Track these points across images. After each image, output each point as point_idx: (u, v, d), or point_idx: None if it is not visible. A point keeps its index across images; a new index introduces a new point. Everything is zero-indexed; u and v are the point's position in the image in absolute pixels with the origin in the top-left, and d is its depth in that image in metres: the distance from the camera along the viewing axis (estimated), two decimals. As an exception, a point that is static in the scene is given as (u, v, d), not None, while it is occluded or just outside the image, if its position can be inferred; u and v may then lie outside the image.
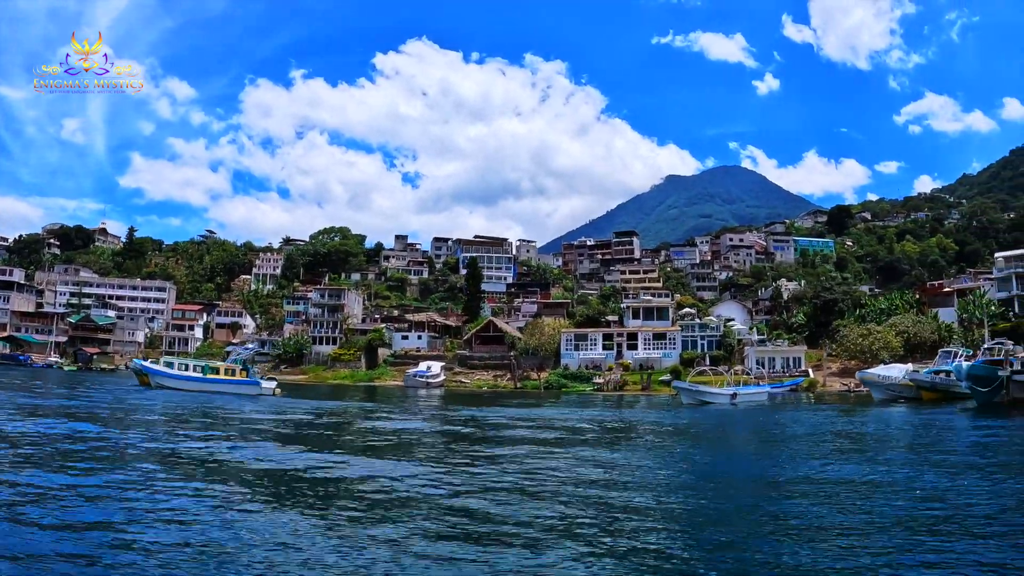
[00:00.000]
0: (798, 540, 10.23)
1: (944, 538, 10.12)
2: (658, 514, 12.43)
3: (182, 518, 11.12)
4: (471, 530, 10.79)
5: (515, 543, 9.95)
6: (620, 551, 9.72)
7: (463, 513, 12.03)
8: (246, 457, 18.87)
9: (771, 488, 15.30)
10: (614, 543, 10.14)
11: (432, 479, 15.73)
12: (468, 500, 13.27)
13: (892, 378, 47.13)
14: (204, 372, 47.21)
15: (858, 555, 9.41)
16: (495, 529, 10.84)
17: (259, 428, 27.24)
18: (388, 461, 19.22)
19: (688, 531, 11.13)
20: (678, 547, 10.08)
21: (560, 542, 10.03)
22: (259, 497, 13.37)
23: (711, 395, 47.93)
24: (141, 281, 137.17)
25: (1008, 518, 11.55)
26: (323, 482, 15.46)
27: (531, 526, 10.96)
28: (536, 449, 22.00)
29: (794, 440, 25.13)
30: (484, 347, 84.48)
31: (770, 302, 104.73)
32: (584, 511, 12.23)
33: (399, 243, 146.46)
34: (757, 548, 9.89)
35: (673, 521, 11.88)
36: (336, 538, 10.26)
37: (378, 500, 13.40)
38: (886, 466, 17.98)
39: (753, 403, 47.54)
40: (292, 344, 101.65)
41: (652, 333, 79.04)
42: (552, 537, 10.34)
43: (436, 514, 11.92)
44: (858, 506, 12.72)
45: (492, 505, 12.70)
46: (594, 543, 10.02)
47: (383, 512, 12.14)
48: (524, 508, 12.45)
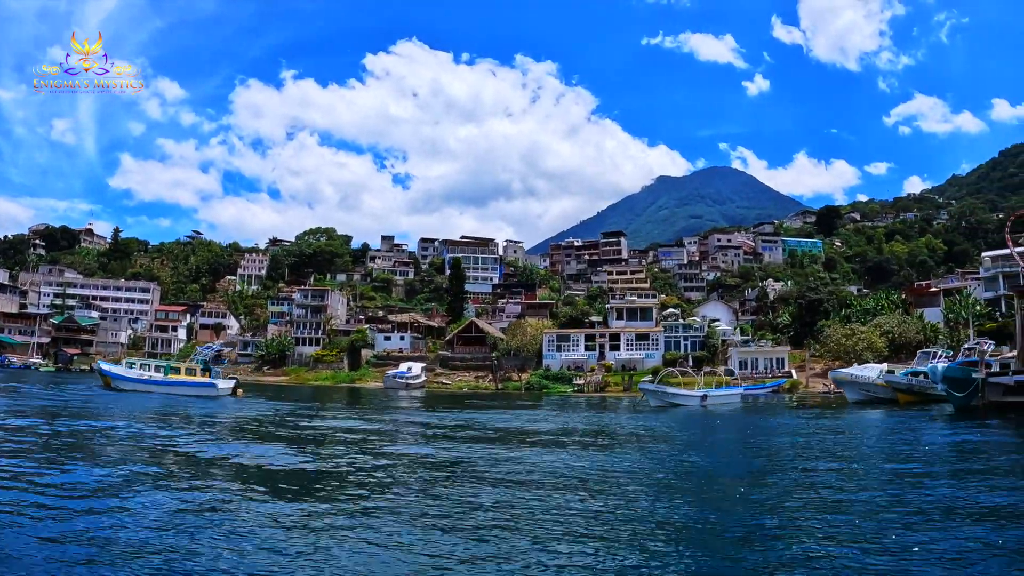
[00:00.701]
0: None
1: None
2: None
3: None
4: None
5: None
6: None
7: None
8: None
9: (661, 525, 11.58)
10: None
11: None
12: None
13: (866, 379, 45.19)
14: (165, 373, 46.32)
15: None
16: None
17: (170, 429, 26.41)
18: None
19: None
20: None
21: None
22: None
23: (679, 397, 46.01)
24: (125, 282, 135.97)
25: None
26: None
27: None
28: (460, 471, 17.38)
29: (738, 449, 23.69)
30: (466, 348, 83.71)
31: (756, 302, 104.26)
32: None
33: (385, 244, 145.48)
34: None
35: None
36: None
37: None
38: (809, 491, 14.46)
39: (725, 406, 45.66)
40: (275, 345, 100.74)
41: (635, 334, 78.36)
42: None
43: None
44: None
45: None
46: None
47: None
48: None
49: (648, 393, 47.60)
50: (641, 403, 48.36)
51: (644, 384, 51.39)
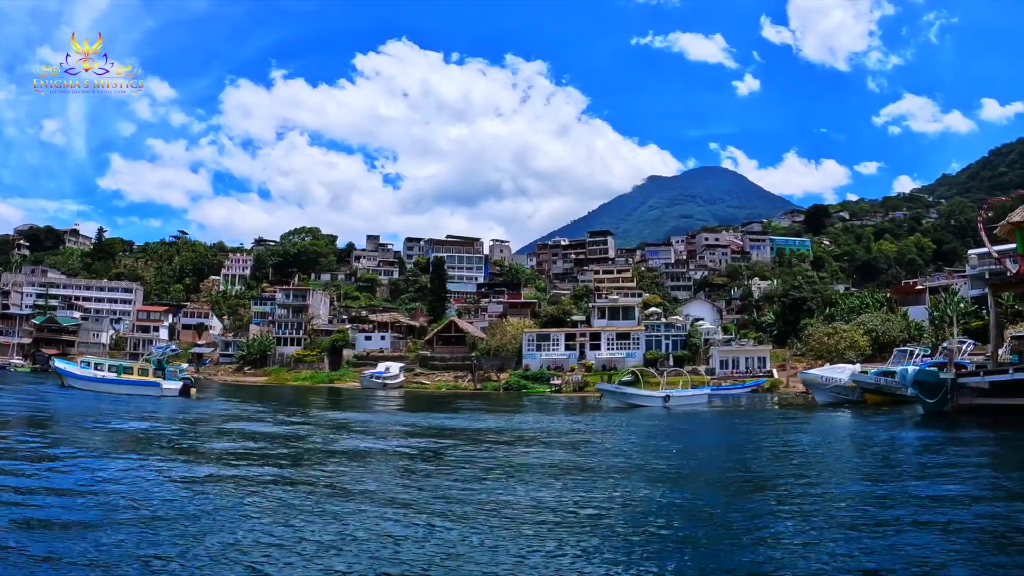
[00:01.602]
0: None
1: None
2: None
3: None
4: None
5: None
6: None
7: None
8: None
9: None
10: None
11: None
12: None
13: (835, 380, 42.66)
14: (119, 372, 45.50)
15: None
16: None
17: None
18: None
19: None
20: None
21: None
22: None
23: (640, 398, 43.97)
24: (107, 282, 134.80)
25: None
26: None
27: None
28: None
29: (658, 454, 21.68)
30: (446, 348, 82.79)
31: (741, 301, 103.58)
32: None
33: (371, 243, 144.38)
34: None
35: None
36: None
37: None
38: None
39: (691, 407, 43.57)
40: (255, 345, 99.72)
41: (615, 333, 77.49)
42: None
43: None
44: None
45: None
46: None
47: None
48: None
49: (606, 394, 45.96)
50: (600, 404, 46.63)
51: (602, 384, 50.24)
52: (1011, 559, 9.06)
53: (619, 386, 47.44)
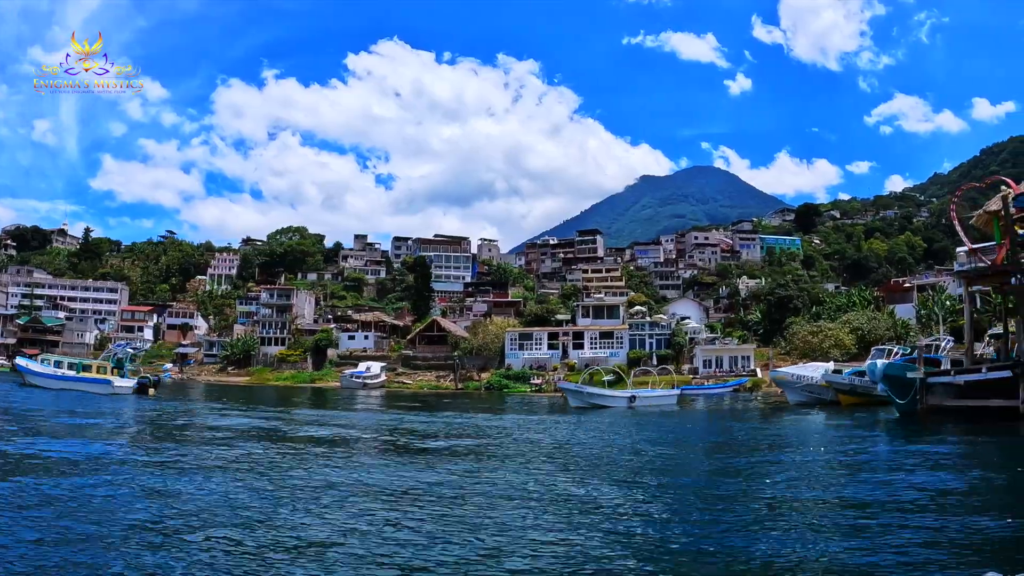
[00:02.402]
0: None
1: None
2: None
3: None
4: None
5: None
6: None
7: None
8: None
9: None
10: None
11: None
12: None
13: (808, 379, 40.80)
14: (78, 370, 45.01)
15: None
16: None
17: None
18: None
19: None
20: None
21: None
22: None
23: (603, 398, 42.15)
24: (93, 282, 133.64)
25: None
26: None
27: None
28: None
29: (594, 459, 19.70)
30: (428, 347, 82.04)
31: (728, 300, 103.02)
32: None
33: (358, 243, 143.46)
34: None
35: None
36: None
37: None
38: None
39: (658, 407, 41.68)
40: (239, 345, 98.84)
41: (599, 332, 76.84)
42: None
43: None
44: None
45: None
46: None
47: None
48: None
49: (569, 393, 43.77)
50: (562, 404, 44.91)
51: (563, 384, 48.46)
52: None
53: (581, 385, 45.73)
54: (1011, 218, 26.68)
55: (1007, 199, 26.72)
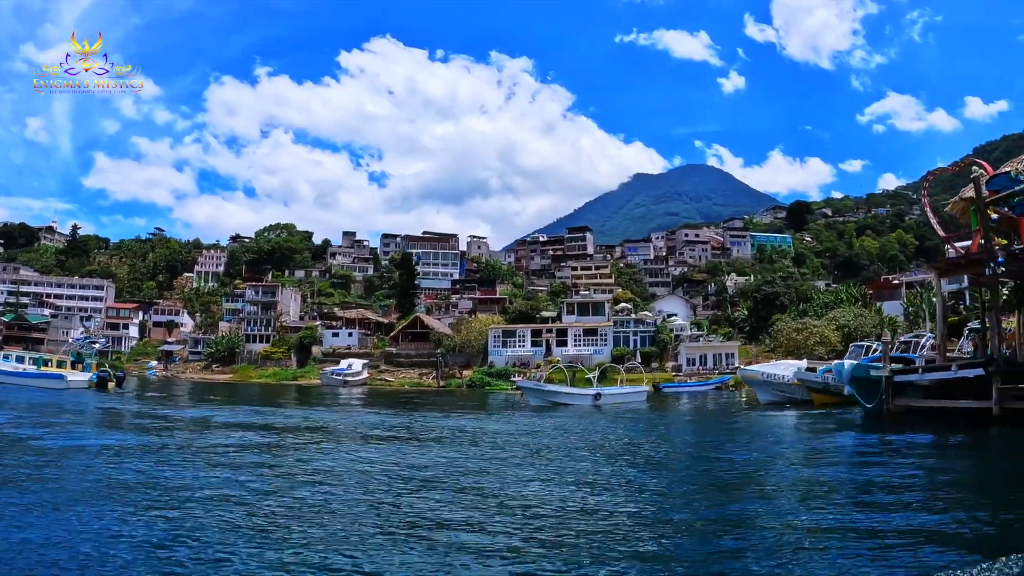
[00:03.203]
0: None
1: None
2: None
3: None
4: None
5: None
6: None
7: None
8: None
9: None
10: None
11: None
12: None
13: (779, 377, 39.00)
14: (38, 366, 44.24)
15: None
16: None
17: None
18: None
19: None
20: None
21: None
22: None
23: (566, 396, 40.22)
24: (79, 279, 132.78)
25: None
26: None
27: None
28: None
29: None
30: (411, 344, 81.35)
31: (716, 297, 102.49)
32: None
33: (347, 240, 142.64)
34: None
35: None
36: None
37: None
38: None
39: (625, 405, 39.84)
40: (224, 343, 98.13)
41: (583, 329, 76.18)
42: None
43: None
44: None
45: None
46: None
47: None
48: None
49: (528, 391, 41.77)
50: (520, 403, 43.03)
51: (522, 381, 47.11)
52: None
53: (540, 383, 44.08)
54: (984, 202, 23.97)
55: (979, 182, 24.46)
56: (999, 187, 24.92)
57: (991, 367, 22.52)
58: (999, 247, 23.30)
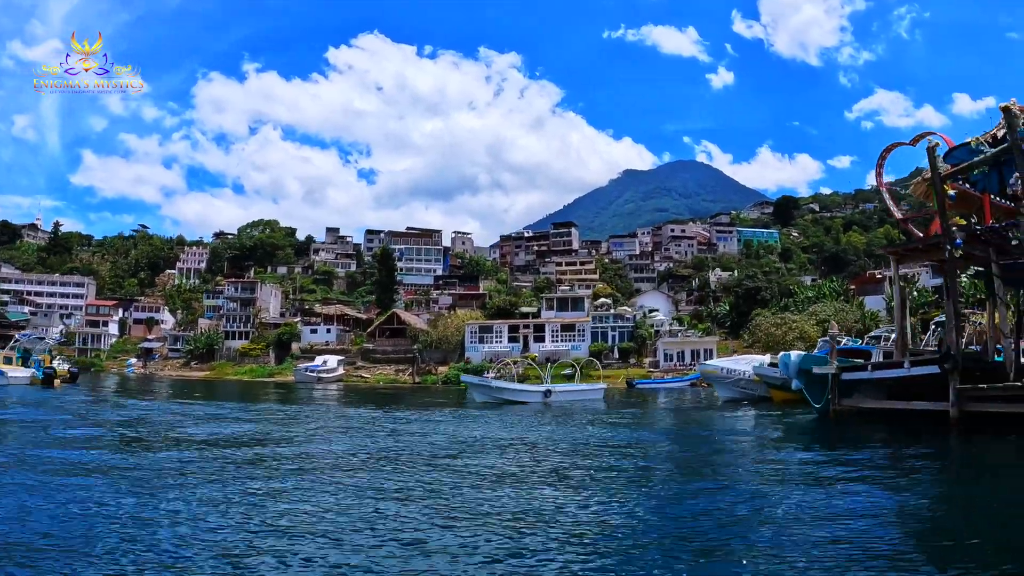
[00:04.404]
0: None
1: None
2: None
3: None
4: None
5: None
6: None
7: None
8: None
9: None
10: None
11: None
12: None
13: (739, 372, 37.39)
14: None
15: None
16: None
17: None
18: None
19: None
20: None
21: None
22: None
23: (513, 393, 38.61)
24: (60, 276, 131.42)
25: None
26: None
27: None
28: None
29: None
30: (389, 340, 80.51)
31: (698, 292, 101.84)
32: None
33: (330, 236, 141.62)
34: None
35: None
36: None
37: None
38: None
39: (579, 402, 37.92)
40: (203, 340, 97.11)
41: (560, 324, 75.41)
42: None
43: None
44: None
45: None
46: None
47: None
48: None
49: (473, 388, 40.18)
50: (467, 399, 41.68)
51: (467, 376, 46.02)
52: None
53: (485, 379, 42.65)
54: (939, 175, 21.27)
55: (933, 152, 21.78)
56: (959, 161, 22.93)
57: (947, 364, 19.63)
58: (956, 227, 20.90)
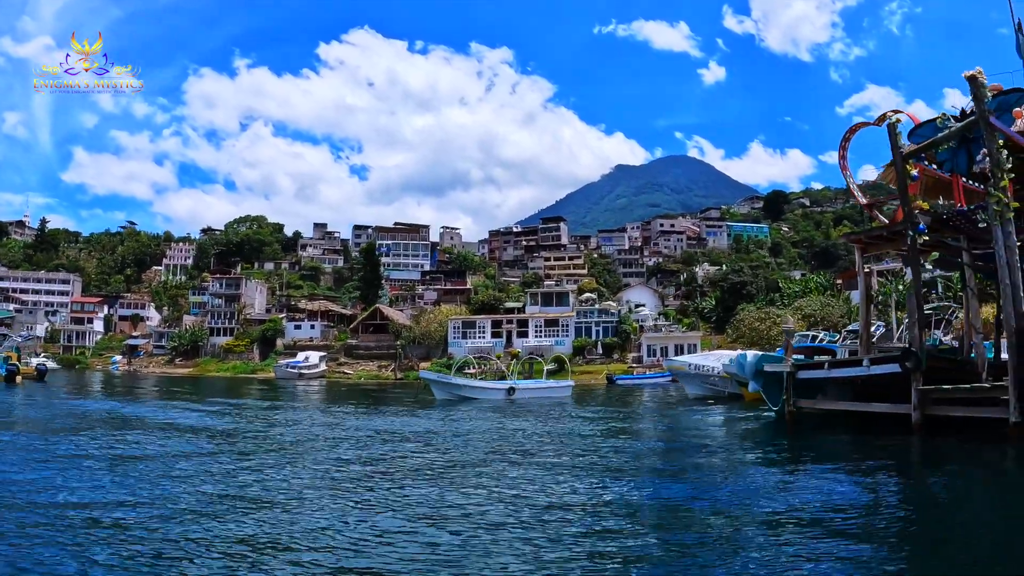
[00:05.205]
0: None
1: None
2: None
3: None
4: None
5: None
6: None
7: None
8: None
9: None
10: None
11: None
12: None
13: (707, 369, 35.50)
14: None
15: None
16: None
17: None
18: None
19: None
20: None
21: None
22: None
23: (474, 390, 37.79)
24: (45, 273, 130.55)
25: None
26: None
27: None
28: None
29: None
30: (372, 336, 79.99)
31: (686, 287, 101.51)
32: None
33: (318, 232, 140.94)
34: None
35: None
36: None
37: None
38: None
39: (545, 399, 36.97)
40: (187, 336, 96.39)
41: (544, 319, 74.95)
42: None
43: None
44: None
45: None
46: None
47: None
48: None
49: (432, 384, 38.98)
50: (423, 395, 40.76)
51: (425, 372, 45.69)
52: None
53: (443, 375, 41.54)
54: (900, 153, 19.49)
55: (893, 128, 19.84)
56: (925, 139, 20.59)
57: (909, 363, 17.91)
58: (920, 212, 19.11)
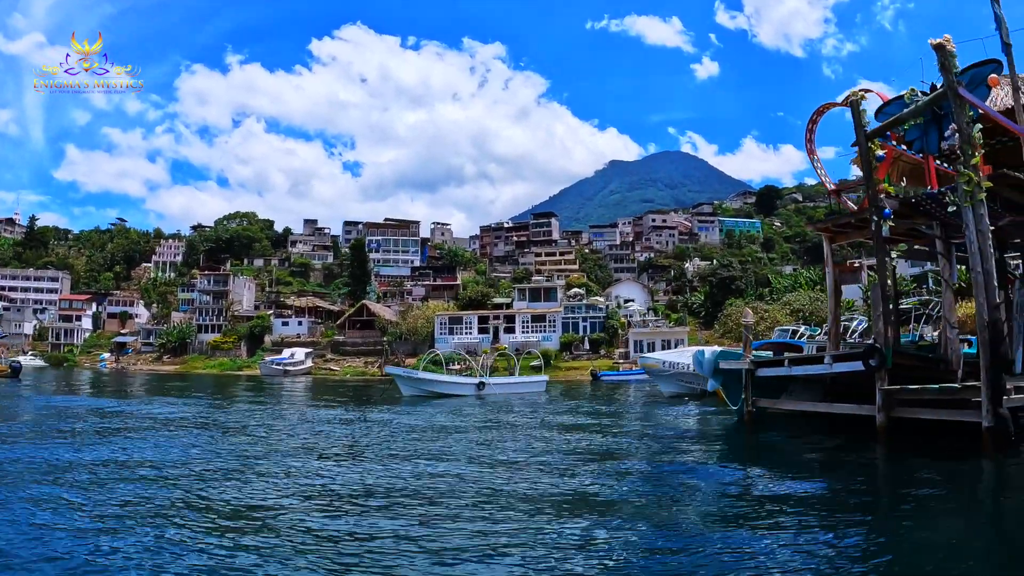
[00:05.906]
0: None
1: None
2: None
3: None
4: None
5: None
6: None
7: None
8: None
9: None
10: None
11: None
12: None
13: (681, 366, 33.76)
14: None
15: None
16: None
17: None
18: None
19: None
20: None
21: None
22: None
23: (442, 385, 37.16)
24: (33, 271, 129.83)
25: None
26: None
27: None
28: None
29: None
30: (359, 332, 79.61)
31: (676, 282, 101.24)
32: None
33: (307, 228, 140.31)
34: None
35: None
36: None
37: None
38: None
39: (516, 395, 36.56)
40: (175, 333, 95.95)
41: (531, 315, 74.60)
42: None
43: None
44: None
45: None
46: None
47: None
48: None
49: (399, 380, 38.21)
50: (390, 391, 40.09)
51: (392, 368, 44.77)
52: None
53: (411, 371, 40.61)
54: (864, 131, 18.37)
55: (857, 106, 18.78)
56: (893, 116, 19.38)
57: (872, 360, 16.46)
58: (885, 196, 17.76)
